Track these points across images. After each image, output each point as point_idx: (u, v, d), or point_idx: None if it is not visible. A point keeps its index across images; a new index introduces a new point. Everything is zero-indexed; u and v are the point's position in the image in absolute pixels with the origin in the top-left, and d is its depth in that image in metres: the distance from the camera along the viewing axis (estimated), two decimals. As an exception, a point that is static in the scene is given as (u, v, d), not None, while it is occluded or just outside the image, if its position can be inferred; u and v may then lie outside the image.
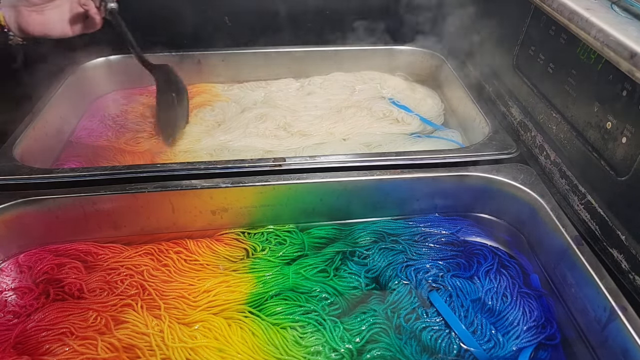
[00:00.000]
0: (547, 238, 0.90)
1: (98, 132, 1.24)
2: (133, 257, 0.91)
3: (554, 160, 0.98)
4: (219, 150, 1.18)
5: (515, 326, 0.81)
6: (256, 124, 1.26)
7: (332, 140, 1.23)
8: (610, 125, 0.82)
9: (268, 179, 0.95)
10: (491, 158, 1.01)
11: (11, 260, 0.90)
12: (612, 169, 0.82)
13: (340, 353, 0.78)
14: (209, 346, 0.78)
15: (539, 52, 1.05)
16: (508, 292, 0.86)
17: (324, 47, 1.48)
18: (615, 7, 0.83)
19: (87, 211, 0.91)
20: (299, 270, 0.90)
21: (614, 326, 0.72)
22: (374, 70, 1.50)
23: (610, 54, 0.74)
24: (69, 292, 0.84)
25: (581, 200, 0.89)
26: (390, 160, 0.99)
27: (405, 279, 0.89)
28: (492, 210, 1.03)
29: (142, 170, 0.94)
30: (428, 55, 1.49)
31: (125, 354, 0.76)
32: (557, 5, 0.88)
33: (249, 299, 0.86)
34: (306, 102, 1.37)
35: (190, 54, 1.41)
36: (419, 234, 0.98)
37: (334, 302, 0.86)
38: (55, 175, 0.92)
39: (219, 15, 1.43)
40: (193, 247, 0.93)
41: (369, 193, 0.98)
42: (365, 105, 1.34)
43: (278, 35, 1.46)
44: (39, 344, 0.76)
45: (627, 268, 0.78)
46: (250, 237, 0.97)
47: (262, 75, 1.47)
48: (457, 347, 0.79)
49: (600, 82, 0.85)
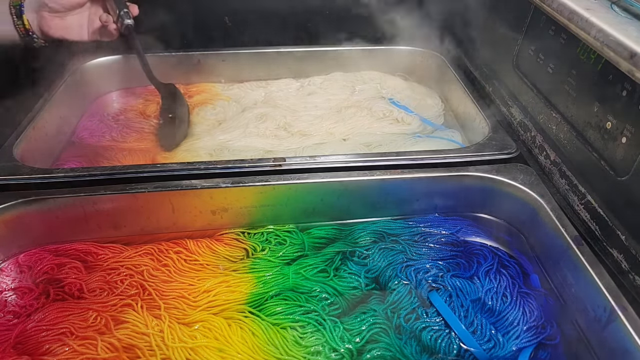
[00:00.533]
0: (547, 238, 0.90)
1: (98, 132, 1.24)
2: (133, 257, 0.91)
3: (554, 160, 0.98)
4: (219, 150, 1.18)
5: (515, 326, 0.81)
6: (256, 124, 1.26)
7: (332, 140, 1.23)
8: (610, 125, 0.82)
9: (268, 179, 0.95)
10: (491, 158, 1.01)
11: (11, 260, 0.90)
12: (612, 169, 0.82)
13: (340, 353, 0.78)
14: (209, 346, 0.78)
15: (539, 52, 1.05)
16: (508, 292, 0.86)
17: (324, 47, 1.48)
18: (615, 7, 0.83)
19: (87, 211, 0.91)
20: (299, 270, 0.90)
21: (614, 326, 0.72)
22: (374, 70, 1.50)
23: (610, 54, 0.74)
24: (69, 292, 0.84)
25: (581, 200, 0.89)
26: (391, 160, 0.99)
27: (405, 279, 0.89)
28: (492, 210, 1.03)
29: (142, 170, 0.94)
30: (428, 55, 1.49)
31: (125, 354, 0.76)
32: (557, 5, 0.88)
33: (249, 299, 0.86)
34: (306, 102, 1.37)
35: (190, 54, 1.41)
36: (418, 234, 0.98)
37: (334, 302, 0.86)
38: (55, 175, 0.92)
39: (219, 15, 1.43)
40: (193, 247, 0.93)
41: (369, 193, 0.98)
42: (365, 105, 1.34)
43: (278, 35, 1.46)
44: (39, 344, 0.76)
45: (627, 268, 0.78)
46: (250, 237, 0.97)
47: (262, 75, 1.47)
48: (457, 347, 0.79)
49: (600, 82, 0.85)
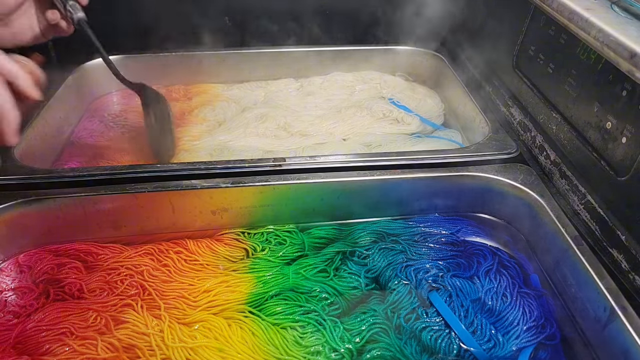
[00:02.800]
0: (547, 238, 0.90)
1: (98, 132, 1.24)
2: (133, 257, 0.91)
3: (554, 160, 0.98)
4: (219, 150, 1.18)
5: (515, 326, 0.81)
6: (256, 124, 1.26)
7: (332, 140, 1.23)
8: (610, 125, 0.82)
9: (268, 179, 0.95)
10: (491, 158, 1.01)
11: (11, 260, 0.90)
12: (612, 169, 0.82)
13: (340, 353, 0.78)
14: (209, 346, 0.78)
15: (539, 52, 1.05)
16: (508, 292, 0.86)
17: (324, 47, 1.48)
18: (615, 7, 0.83)
19: (87, 211, 0.91)
20: (299, 270, 0.90)
21: (614, 326, 0.72)
22: (374, 70, 1.50)
23: (610, 54, 0.74)
24: (69, 292, 0.84)
25: (581, 200, 0.89)
26: (391, 160, 0.99)
27: (405, 279, 0.89)
28: (492, 210, 1.03)
29: (142, 170, 0.94)
30: (428, 55, 1.49)
31: (125, 354, 0.76)
32: (557, 5, 0.88)
33: (249, 299, 0.86)
34: (306, 102, 1.37)
35: (190, 54, 1.41)
36: (419, 234, 0.98)
37: (334, 302, 0.86)
38: (55, 175, 0.92)
39: (219, 15, 1.43)
40: (193, 247, 0.93)
41: (369, 193, 0.98)
42: (365, 105, 1.34)
43: (278, 35, 1.46)
44: (39, 344, 0.76)
45: (627, 268, 0.78)
46: (250, 237, 0.97)
47: (262, 75, 1.47)
48: (457, 347, 0.79)
49: (600, 82, 0.85)
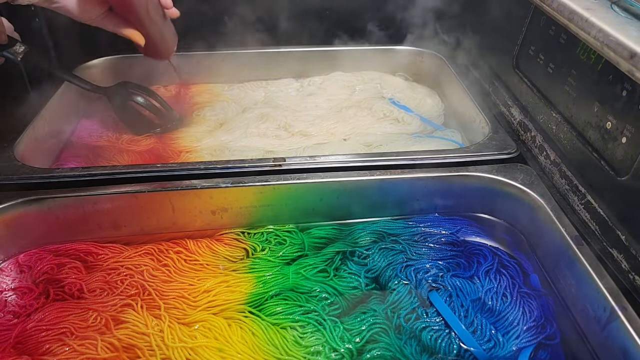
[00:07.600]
0: (547, 238, 0.90)
1: (98, 132, 1.24)
2: (133, 257, 0.91)
3: (554, 160, 0.98)
4: (220, 150, 1.18)
5: (515, 326, 0.81)
6: (257, 124, 1.26)
7: (333, 140, 1.23)
8: (610, 125, 0.82)
9: (268, 179, 0.95)
10: (491, 158, 1.01)
11: (11, 260, 0.90)
12: (612, 169, 0.82)
13: (340, 353, 0.78)
14: (209, 346, 0.78)
15: (539, 52, 1.05)
16: (508, 292, 0.86)
17: (324, 47, 1.48)
18: (615, 7, 0.83)
19: (87, 211, 0.91)
20: (299, 270, 0.90)
21: (614, 326, 0.72)
22: (374, 70, 1.50)
23: (610, 54, 0.74)
24: (69, 292, 0.84)
25: (581, 200, 0.89)
26: (391, 160, 0.99)
27: (405, 279, 0.89)
28: (492, 210, 1.03)
29: (142, 170, 0.94)
30: (428, 55, 1.49)
31: (125, 354, 0.76)
32: (557, 5, 0.88)
33: (249, 299, 0.86)
34: (307, 102, 1.37)
35: (190, 54, 1.41)
36: (419, 234, 0.98)
37: (334, 302, 0.86)
38: (55, 175, 0.92)
39: (219, 15, 1.43)
40: (193, 247, 0.93)
41: (369, 193, 0.98)
42: (366, 105, 1.34)
43: (278, 35, 1.46)
44: (39, 344, 0.76)
45: (627, 268, 0.78)
46: (250, 237, 0.97)
47: (262, 75, 1.47)
48: (457, 347, 0.79)
49: (600, 82, 0.85)
